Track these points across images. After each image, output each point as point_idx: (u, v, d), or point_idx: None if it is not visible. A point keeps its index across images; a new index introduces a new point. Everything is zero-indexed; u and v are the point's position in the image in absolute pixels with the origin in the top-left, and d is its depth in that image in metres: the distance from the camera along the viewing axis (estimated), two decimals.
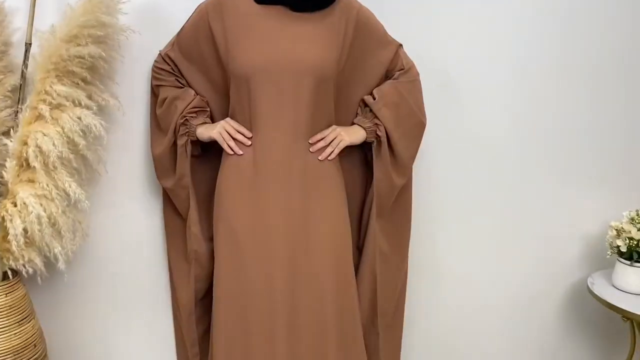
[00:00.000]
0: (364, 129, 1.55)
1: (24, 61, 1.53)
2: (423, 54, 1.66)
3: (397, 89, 1.57)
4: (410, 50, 1.62)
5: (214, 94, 1.59)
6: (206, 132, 1.53)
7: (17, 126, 1.48)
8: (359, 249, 1.65)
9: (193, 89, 1.58)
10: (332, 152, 1.51)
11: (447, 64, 1.77)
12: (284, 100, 1.46)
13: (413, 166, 1.65)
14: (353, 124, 1.58)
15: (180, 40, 1.57)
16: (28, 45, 1.52)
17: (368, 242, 1.62)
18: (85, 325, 1.77)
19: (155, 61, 1.60)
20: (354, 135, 1.55)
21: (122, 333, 1.79)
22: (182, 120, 1.53)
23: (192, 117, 1.54)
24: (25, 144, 1.41)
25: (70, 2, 1.46)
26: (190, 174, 1.57)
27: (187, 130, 1.54)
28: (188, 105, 1.54)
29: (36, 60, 1.48)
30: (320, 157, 1.50)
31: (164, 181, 1.62)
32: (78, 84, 1.44)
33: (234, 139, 1.50)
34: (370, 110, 1.56)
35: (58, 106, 1.40)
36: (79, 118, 1.41)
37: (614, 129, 1.85)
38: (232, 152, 1.50)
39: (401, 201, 1.66)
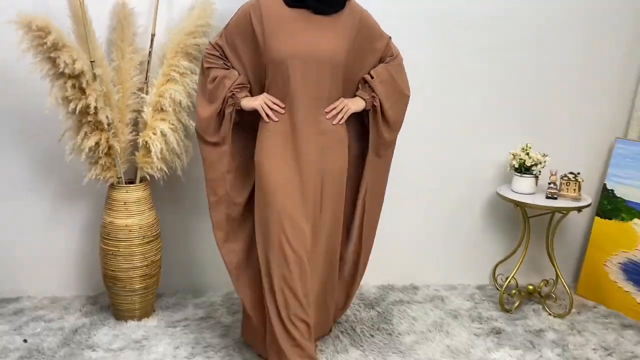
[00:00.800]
0: (364, 100, 2.03)
1: (150, 45, 2.41)
2: None
3: (388, 70, 2.05)
4: None
5: (245, 74, 2.02)
6: (249, 103, 1.95)
7: (147, 87, 2.38)
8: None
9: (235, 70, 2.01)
10: (342, 117, 2.00)
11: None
12: (309, 79, 1.90)
13: None
14: (355, 96, 2.04)
15: (227, 32, 1.98)
16: (153, 36, 2.41)
17: (364, 176, 2.15)
18: (178, 217, 2.67)
19: (206, 48, 2.04)
20: (357, 104, 2.02)
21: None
22: (230, 94, 1.95)
23: (237, 91, 1.96)
24: (161, 96, 2.30)
25: (187, 6, 2.35)
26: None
27: (233, 101, 1.96)
28: (234, 82, 1.96)
29: (160, 45, 2.37)
30: (333, 122, 1.98)
31: (209, 137, 2.02)
32: (191, 60, 2.34)
33: (271, 109, 1.94)
34: (369, 86, 2.03)
35: (183, 74, 2.30)
36: (195, 81, 2.31)
37: (514, 93, 2.84)
38: (268, 120, 1.95)
39: (388, 152, 2.19)
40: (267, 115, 1.94)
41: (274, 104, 1.94)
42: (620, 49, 2.82)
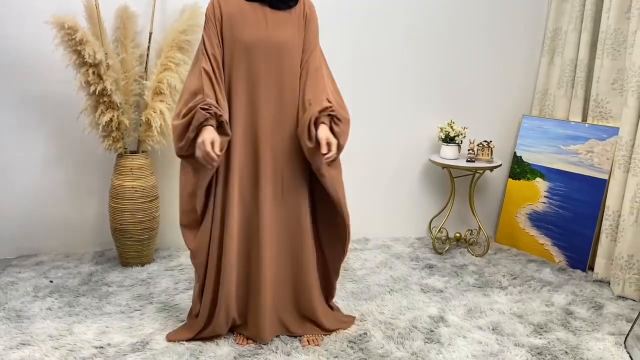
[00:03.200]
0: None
1: (149, 41, 2.98)
2: None
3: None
4: None
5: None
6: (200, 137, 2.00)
7: (146, 75, 2.95)
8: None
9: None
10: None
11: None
12: (270, 65, 2.10)
13: None
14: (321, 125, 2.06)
15: (206, 48, 2.10)
16: (150, 34, 2.98)
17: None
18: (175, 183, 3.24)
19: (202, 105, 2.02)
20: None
21: None
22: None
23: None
24: (160, 82, 2.87)
25: (177, 9, 2.93)
26: None
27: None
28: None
29: (156, 41, 2.95)
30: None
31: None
32: (184, 53, 2.92)
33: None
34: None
35: (177, 64, 2.87)
36: (186, 69, 2.89)
37: (442, 79, 3.54)
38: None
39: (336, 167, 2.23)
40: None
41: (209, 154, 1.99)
42: (525, 42, 3.55)
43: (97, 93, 2.66)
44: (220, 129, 2.04)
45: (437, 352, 2.25)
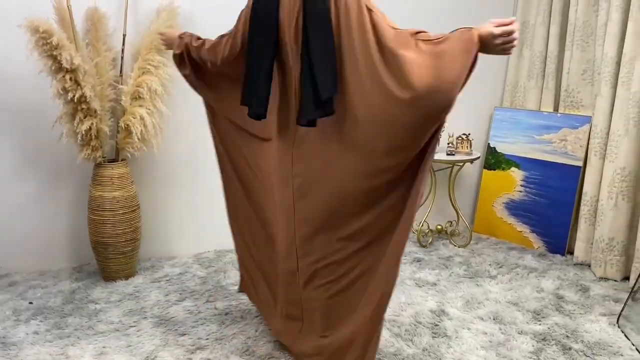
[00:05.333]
0: None
1: (123, 43, 2.83)
2: None
3: None
4: None
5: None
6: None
7: (121, 79, 2.81)
8: None
9: None
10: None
11: None
12: None
13: None
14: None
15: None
16: (124, 36, 2.84)
17: None
18: (153, 190, 3.12)
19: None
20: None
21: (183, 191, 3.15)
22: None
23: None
24: (139, 86, 2.73)
25: (150, 9, 2.81)
26: None
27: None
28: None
29: (131, 44, 2.81)
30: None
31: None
32: (163, 55, 2.79)
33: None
34: None
35: (157, 66, 2.75)
36: (166, 72, 2.78)
37: None
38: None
39: None
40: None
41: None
42: None
43: (74, 100, 2.50)
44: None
45: (447, 346, 2.28)
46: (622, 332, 2.40)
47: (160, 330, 2.40)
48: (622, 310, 2.48)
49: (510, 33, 1.52)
